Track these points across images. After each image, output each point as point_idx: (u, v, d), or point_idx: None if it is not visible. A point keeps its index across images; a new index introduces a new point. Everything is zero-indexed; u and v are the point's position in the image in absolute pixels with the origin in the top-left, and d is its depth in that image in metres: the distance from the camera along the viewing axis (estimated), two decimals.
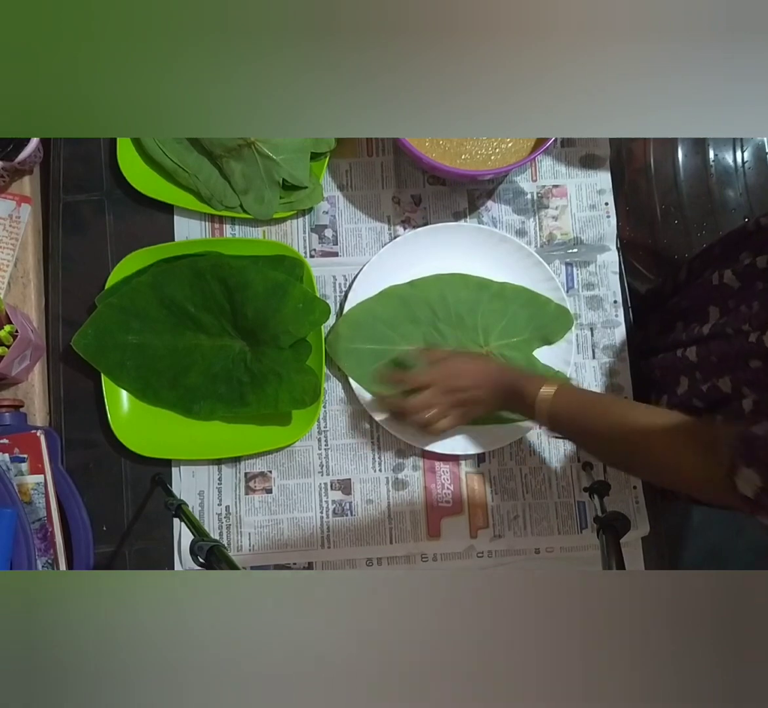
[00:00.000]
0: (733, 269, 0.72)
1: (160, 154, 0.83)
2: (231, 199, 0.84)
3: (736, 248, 0.75)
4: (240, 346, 0.81)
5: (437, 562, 0.82)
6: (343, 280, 0.86)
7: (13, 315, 0.76)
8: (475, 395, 0.75)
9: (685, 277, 0.86)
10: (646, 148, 1.05)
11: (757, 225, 0.73)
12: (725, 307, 0.72)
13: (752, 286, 0.69)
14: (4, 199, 0.85)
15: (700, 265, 0.83)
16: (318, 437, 0.84)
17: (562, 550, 0.83)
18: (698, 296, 0.77)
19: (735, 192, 1.07)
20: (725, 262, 0.76)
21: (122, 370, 0.80)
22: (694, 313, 0.77)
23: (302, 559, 0.82)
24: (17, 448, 0.77)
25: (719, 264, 0.78)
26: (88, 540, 0.78)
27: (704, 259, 0.82)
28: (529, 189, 0.88)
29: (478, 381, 0.75)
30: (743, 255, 0.73)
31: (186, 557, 0.80)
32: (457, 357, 0.79)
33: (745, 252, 0.73)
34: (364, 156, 0.88)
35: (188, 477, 0.83)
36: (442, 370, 0.76)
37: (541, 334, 0.83)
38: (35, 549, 0.74)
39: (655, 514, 0.83)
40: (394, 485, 0.83)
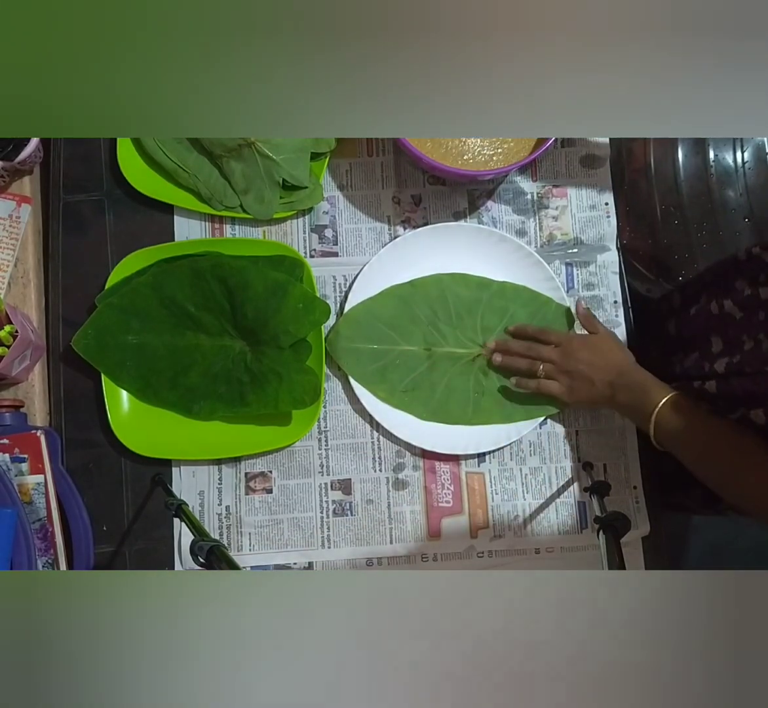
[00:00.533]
0: (733, 299, 0.71)
1: (160, 154, 0.83)
2: (231, 199, 0.84)
3: (728, 276, 0.75)
4: (240, 346, 0.81)
5: (437, 562, 0.82)
6: (343, 280, 0.86)
7: (13, 315, 0.76)
8: (588, 372, 0.75)
9: (679, 303, 0.85)
10: (646, 148, 1.05)
11: (748, 254, 0.72)
12: (727, 336, 0.72)
13: (754, 316, 0.68)
14: (4, 199, 0.85)
15: (693, 292, 0.82)
16: (318, 437, 0.84)
17: (562, 551, 0.83)
18: (698, 326, 0.76)
19: (735, 192, 1.07)
20: (719, 290, 0.76)
21: (122, 370, 0.80)
22: (696, 343, 0.76)
23: (302, 559, 0.82)
24: (17, 448, 0.77)
25: (713, 291, 0.77)
26: (88, 540, 0.78)
27: (696, 286, 0.82)
28: (529, 189, 0.88)
29: (598, 363, 0.75)
30: (739, 283, 0.73)
31: (186, 557, 0.80)
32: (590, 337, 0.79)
33: (740, 280, 0.73)
34: (364, 156, 0.88)
35: (188, 477, 0.83)
36: (567, 349, 0.78)
37: None
38: (35, 549, 0.74)
39: (655, 514, 0.83)
40: (395, 485, 0.83)
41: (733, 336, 0.71)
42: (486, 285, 0.84)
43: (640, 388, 0.72)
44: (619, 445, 0.84)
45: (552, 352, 0.78)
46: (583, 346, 0.77)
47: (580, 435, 0.84)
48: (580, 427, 0.84)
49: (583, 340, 0.79)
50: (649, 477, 0.83)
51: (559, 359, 0.78)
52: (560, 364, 0.77)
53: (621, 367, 0.75)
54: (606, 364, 0.75)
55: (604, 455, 0.84)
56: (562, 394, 0.78)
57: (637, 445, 0.84)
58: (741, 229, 1.14)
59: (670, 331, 0.83)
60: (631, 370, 0.75)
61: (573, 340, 0.78)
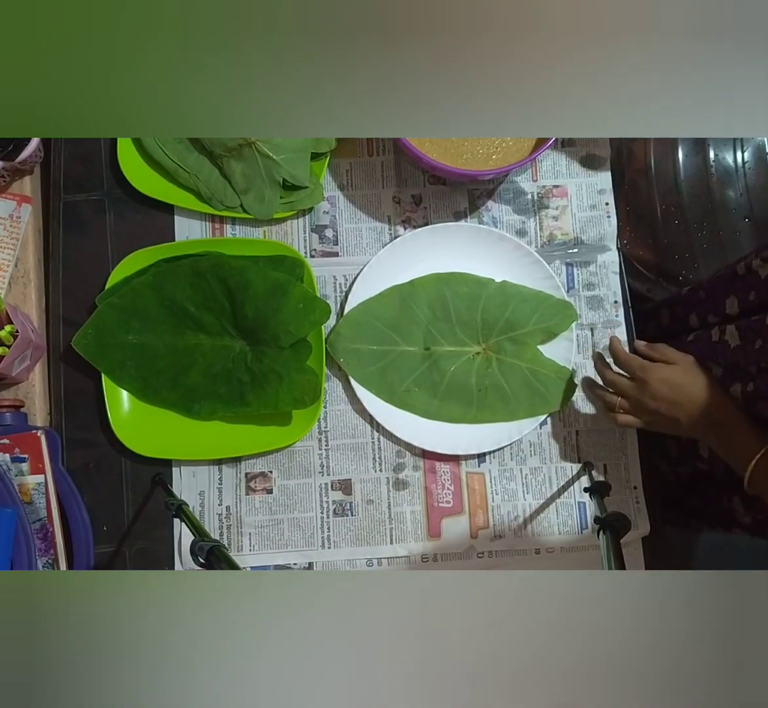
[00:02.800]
0: (737, 324, 0.68)
1: (161, 154, 0.83)
2: (231, 199, 0.84)
3: (721, 293, 0.73)
4: (240, 346, 0.81)
5: (438, 562, 0.82)
6: (343, 280, 0.86)
7: (13, 315, 0.76)
8: (670, 412, 0.69)
9: (668, 321, 0.84)
10: (646, 148, 1.05)
11: (747, 268, 0.70)
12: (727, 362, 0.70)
13: (750, 343, 0.67)
14: (5, 199, 0.85)
15: (684, 310, 0.81)
16: (318, 437, 0.84)
17: (562, 551, 0.83)
18: (696, 352, 0.74)
19: (735, 192, 1.07)
20: (710, 307, 0.75)
21: (122, 370, 0.80)
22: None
23: (303, 559, 0.82)
24: (18, 448, 0.77)
25: (705, 308, 0.76)
26: (89, 540, 0.78)
27: (686, 304, 0.81)
28: (530, 189, 0.88)
29: (680, 401, 0.69)
30: (730, 300, 0.71)
31: (186, 557, 0.80)
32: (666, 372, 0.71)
33: (732, 297, 0.71)
34: (364, 156, 0.88)
35: (189, 477, 0.83)
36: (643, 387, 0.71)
37: (545, 326, 0.82)
38: (35, 549, 0.74)
39: (655, 514, 0.83)
40: (395, 485, 0.83)
41: (731, 359, 0.69)
42: (486, 284, 0.83)
43: (733, 431, 0.67)
44: (619, 445, 0.84)
45: (629, 388, 0.73)
46: (661, 383, 0.70)
47: (580, 435, 0.84)
48: (580, 427, 0.84)
49: (660, 377, 0.71)
50: (649, 477, 0.83)
51: (638, 396, 0.72)
52: (639, 403, 0.72)
53: (705, 403, 0.69)
54: (689, 401, 0.69)
55: (605, 455, 0.84)
56: (644, 427, 0.74)
57: (637, 445, 0.84)
58: (741, 229, 1.14)
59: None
60: (716, 407, 0.68)
61: (650, 376, 0.71)
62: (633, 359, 0.74)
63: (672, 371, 0.71)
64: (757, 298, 0.69)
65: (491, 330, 0.83)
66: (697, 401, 0.69)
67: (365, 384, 0.82)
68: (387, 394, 0.82)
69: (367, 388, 0.82)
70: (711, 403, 0.68)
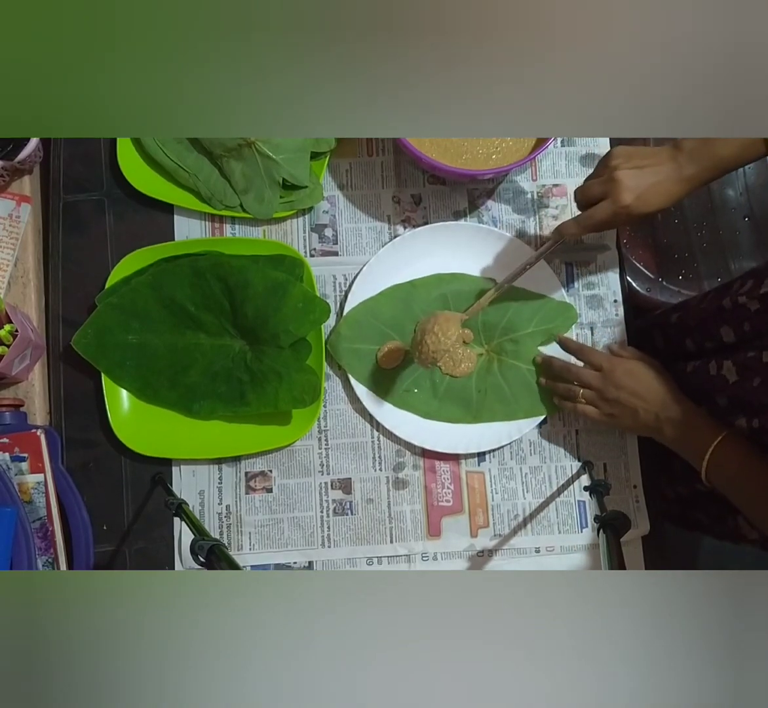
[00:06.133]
0: (733, 360, 0.70)
1: (160, 153, 0.83)
2: (231, 199, 0.84)
3: (711, 323, 0.75)
4: (240, 346, 0.81)
5: (438, 561, 0.82)
6: (343, 279, 0.86)
7: (13, 314, 0.76)
8: (631, 402, 0.73)
9: (662, 345, 0.85)
10: None
11: (733, 303, 0.72)
12: (731, 396, 0.71)
13: (749, 381, 0.67)
14: (4, 198, 0.85)
15: (677, 335, 0.82)
16: (318, 436, 0.84)
17: (562, 550, 0.83)
18: (697, 384, 0.75)
19: (735, 192, 1.07)
20: (704, 334, 0.76)
21: (122, 370, 0.80)
22: (695, 395, 0.74)
23: (303, 558, 0.82)
24: (17, 448, 0.77)
25: (697, 334, 0.78)
26: (89, 539, 0.78)
27: (678, 329, 0.82)
28: (530, 188, 0.88)
29: (641, 393, 0.73)
30: (724, 329, 0.73)
31: (186, 557, 0.80)
32: (631, 364, 0.76)
33: (726, 327, 0.73)
34: (364, 156, 0.88)
35: (188, 476, 0.83)
36: (609, 376, 0.75)
37: (545, 328, 0.83)
38: (35, 548, 0.74)
39: (655, 514, 0.83)
40: (395, 484, 0.83)
41: (730, 394, 0.70)
42: (486, 284, 0.83)
43: (689, 424, 0.71)
44: (619, 444, 0.84)
45: (593, 378, 0.76)
46: (626, 373, 0.75)
47: (580, 434, 0.84)
48: (580, 426, 0.84)
49: (626, 368, 0.76)
50: (649, 476, 0.83)
51: (601, 386, 0.75)
52: (601, 392, 0.75)
53: (665, 397, 0.73)
54: (649, 393, 0.73)
55: (604, 454, 0.84)
56: (601, 421, 0.77)
57: (637, 444, 0.84)
58: (741, 229, 1.14)
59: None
60: (675, 401, 0.72)
61: (616, 367, 0.76)
62: (600, 352, 0.80)
63: (637, 365, 0.76)
64: (751, 329, 0.71)
65: (492, 332, 0.83)
66: (658, 393, 0.73)
67: (365, 383, 0.82)
68: (387, 393, 0.82)
69: (366, 387, 0.82)
70: (670, 397, 0.73)
